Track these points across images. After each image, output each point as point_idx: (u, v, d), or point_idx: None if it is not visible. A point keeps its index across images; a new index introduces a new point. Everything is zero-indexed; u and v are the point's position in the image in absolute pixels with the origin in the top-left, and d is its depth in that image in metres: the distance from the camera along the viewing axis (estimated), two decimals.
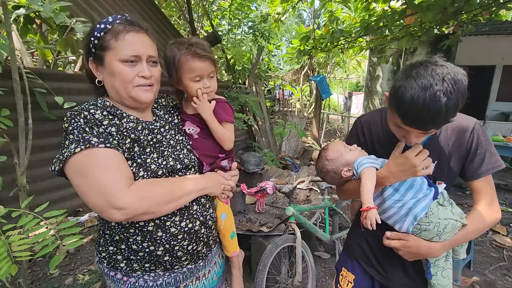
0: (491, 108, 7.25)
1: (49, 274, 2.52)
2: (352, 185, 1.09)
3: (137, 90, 0.87)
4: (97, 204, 0.76)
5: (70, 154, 0.76)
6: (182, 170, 0.97)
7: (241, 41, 7.33)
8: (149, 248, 0.88)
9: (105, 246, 0.93)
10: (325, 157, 1.10)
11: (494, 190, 1.03)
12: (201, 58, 1.00)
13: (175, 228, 0.90)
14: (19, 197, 1.57)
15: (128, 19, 0.88)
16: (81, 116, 0.81)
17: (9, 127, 1.48)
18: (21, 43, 2.58)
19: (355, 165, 1.03)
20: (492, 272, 2.70)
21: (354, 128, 1.17)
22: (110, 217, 0.78)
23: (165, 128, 1.00)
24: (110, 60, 0.85)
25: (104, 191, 0.75)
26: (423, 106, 0.75)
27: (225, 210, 1.11)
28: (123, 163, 0.82)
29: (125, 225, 0.87)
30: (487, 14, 4.03)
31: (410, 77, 0.78)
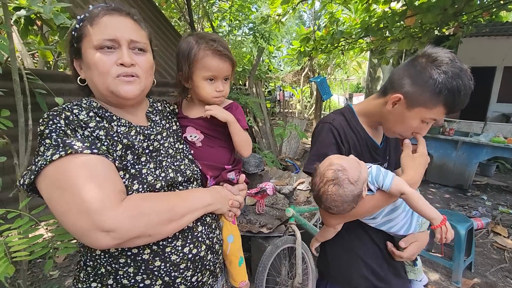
0: (492, 109, 7.24)
1: (49, 275, 2.51)
2: (370, 203, 0.89)
3: (117, 82, 0.71)
4: (78, 225, 0.59)
5: (45, 163, 0.60)
6: (183, 184, 0.82)
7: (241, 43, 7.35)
8: (143, 282, 0.70)
9: (86, 282, 0.73)
10: (348, 181, 0.81)
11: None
12: (222, 57, 0.88)
13: (176, 255, 0.73)
14: (19, 198, 1.57)
15: (110, 5, 0.74)
16: (62, 117, 0.66)
17: (9, 128, 1.48)
18: (22, 44, 2.59)
19: (375, 178, 0.87)
20: (493, 274, 2.69)
21: (328, 135, 0.97)
22: (95, 242, 0.60)
23: (162, 135, 0.84)
24: (85, 50, 0.71)
25: (88, 208, 0.59)
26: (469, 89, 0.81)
27: (232, 231, 0.95)
28: (113, 173, 0.66)
29: (114, 254, 0.70)
30: (488, 15, 4.03)
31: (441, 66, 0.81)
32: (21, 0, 1.77)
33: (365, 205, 0.89)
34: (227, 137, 0.97)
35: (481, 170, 5.52)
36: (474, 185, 4.99)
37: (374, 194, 0.88)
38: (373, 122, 1.02)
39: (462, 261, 2.48)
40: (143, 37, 0.77)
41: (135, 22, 0.76)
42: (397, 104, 0.89)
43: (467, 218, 2.69)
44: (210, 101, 0.94)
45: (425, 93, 0.82)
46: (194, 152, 0.93)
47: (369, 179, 0.87)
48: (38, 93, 1.85)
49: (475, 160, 4.61)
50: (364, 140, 1.01)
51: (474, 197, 4.52)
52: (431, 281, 2.57)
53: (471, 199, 4.43)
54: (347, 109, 1.05)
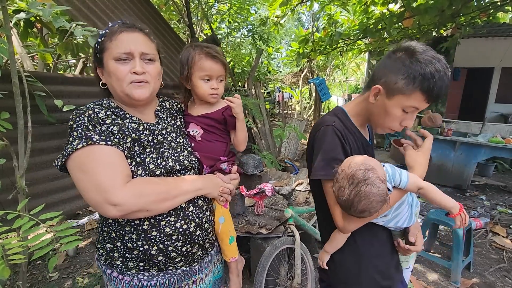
0: (490, 109, 7.27)
1: (48, 277, 2.51)
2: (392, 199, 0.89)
3: (131, 87, 0.88)
4: (94, 199, 0.78)
5: (72, 150, 0.79)
6: (181, 171, 0.98)
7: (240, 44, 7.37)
8: (143, 247, 0.88)
9: (103, 243, 0.94)
10: (379, 180, 0.80)
11: None
12: (213, 59, 1.05)
13: (169, 228, 0.90)
14: (18, 200, 1.58)
15: (125, 22, 0.91)
16: (86, 115, 0.84)
17: (8, 130, 1.49)
18: (22, 47, 2.60)
19: (392, 176, 0.87)
20: (492, 274, 2.70)
21: (334, 137, 0.95)
22: (105, 213, 0.79)
23: (167, 130, 1.01)
24: (107, 60, 0.88)
25: (102, 187, 0.77)
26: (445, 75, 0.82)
27: (223, 213, 1.09)
28: (122, 161, 0.84)
29: (121, 223, 0.89)
30: (485, 17, 4.06)
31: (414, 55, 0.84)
32: (20, 4, 1.78)
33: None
34: (223, 133, 1.14)
35: (479, 171, 5.53)
36: (472, 185, 5.00)
37: (392, 193, 0.87)
38: (363, 120, 1.04)
39: (460, 261, 2.49)
40: (152, 49, 0.93)
41: (145, 36, 0.92)
42: (378, 96, 0.93)
43: None
44: (207, 98, 1.09)
45: (400, 80, 0.86)
46: (194, 145, 1.09)
47: (387, 177, 0.86)
48: (37, 95, 1.86)
49: (474, 161, 4.63)
50: (360, 139, 1.03)
51: (472, 197, 4.53)
52: (430, 281, 2.57)
53: (469, 199, 4.44)
54: (339, 110, 1.05)
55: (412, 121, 0.92)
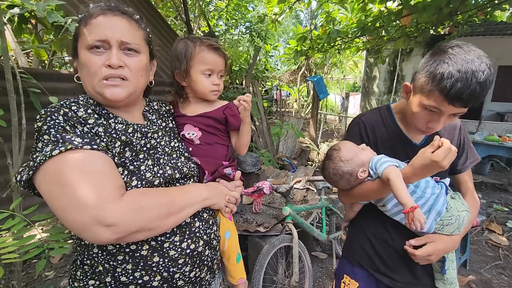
0: (487, 108, 7.31)
1: (44, 276, 2.49)
2: (368, 187, 0.99)
3: (102, 85, 0.71)
4: (79, 220, 0.59)
5: (44, 158, 0.60)
6: (180, 181, 0.83)
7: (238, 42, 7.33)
8: (142, 278, 0.70)
9: (83, 281, 0.73)
10: (339, 158, 0.99)
11: (473, 181, 1.13)
12: (217, 51, 0.95)
13: (175, 250, 0.74)
14: (12, 198, 1.56)
15: (108, 5, 0.74)
16: (60, 113, 0.66)
17: (2, 128, 1.46)
18: (16, 43, 2.56)
19: (373, 165, 0.96)
20: (488, 271, 2.72)
21: (355, 127, 1.09)
22: (95, 237, 0.60)
23: (158, 134, 0.86)
24: (80, 49, 0.71)
25: (88, 203, 0.59)
26: (473, 78, 0.76)
27: (229, 227, 0.96)
28: (112, 169, 0.67)
29: (112, 251, 0.69)
30: (482, 15, 4.05)
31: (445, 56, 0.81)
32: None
33: (364, 187, 1.00)
34: (224, 134, 1.02)
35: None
36: None
37: (374, 180, 0.97)
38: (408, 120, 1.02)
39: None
40: (136, 37, 0.75)
41: (131, 21, 0.75)
42: (408, 93, 0.94)
43: None
44: (207, 95, 0.99)
45: (422, 78, 0.86)
46: (192, 149, 0.95)
47: (370, 165, 0.97)
48: (32, 92, 1.83)
49: None
50: (397, 136, 1.04)
51: None
52: None
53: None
54: (385, 106, 1.11)
55: (438, 124, 0.87)
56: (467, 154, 1.09)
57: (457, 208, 0.97)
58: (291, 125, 5.27)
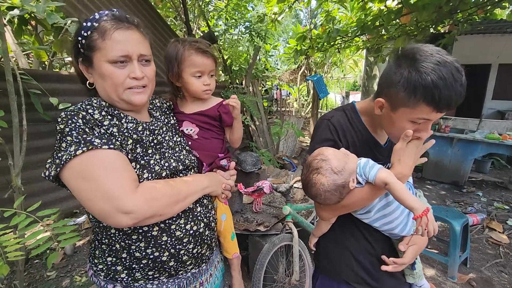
0: (487, 106, 7.30)
1: (46, 276, 2.50)
2: (357, 195, 0.89)
3: (129, 93, 0.82)
4: (103, 209, 0.71)
5: (70, 157, 0.70)
6: (183, 171, 0.95)
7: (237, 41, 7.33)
8: (153, 254, 0.83)
9: (102, 258, 0.86)
10: (331, 170, 0.84)
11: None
12: (204, 54, 1.01)
13: (180, 231, 0.87)
14: (14, 199, 1.56)
15: (116, 15, 0.80)
16: (79, 117, 0.76)
17: (3, 129, 1.48)
18: (16, 44, 2.57)
19: (361, 170, 0.87)
20: (488, 269, 2.72)
21: (326, 130, 0.99)
22: (117, 222, 0.73)
23: (163, 130, 0.96)
24: (99, 61, 0.79)
25: (111, 194, 0.71)
26: (453, 81, 0.73)
27: (225, 211, 1.10)
28: (127, 165, 0.78)
29: (127, 232, 0.82)
30: (482, 13, 4.05)
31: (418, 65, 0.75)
32: (14, 0, 1.76)
33: (354, 197, 0.89)
34: (219, 130, 1.13)
35: (476, 167, 5.57)
36: (469, 181, 5.03)
37: (363, 187, 0.88)
38: (373, 122, 1.00)
39: (457, 257, 2.51)
40: (148, 47, 0.86)
41: (139, 31, 0.83)
42: (383, 109, 0.88)
43: (462, 214, 2.72)
44: (200, 95, 1.07)
45: (400, 93, 0.79)
46: (191, 143, 1.06)
47: (357, 171, 0.87)
48: (32, 93, 1.84)
49: (471, 157, 4.65)
50: (365, 138, 0.99)
51: (469, 194, 4.55)
52: (427, 276, 2.59)
53: (466, 196, 4.47)
54: (350, 106, 1.05)
55: (427, 133, 0.84)
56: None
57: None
58: (291, 125, 5.27)
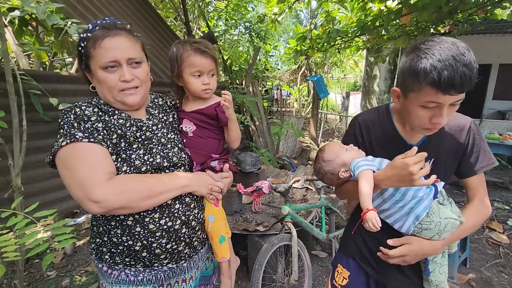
0: (488, 106, 7.29)
1: (46, 276, 2.51)
2: (350, 186, 1.07)
3: (122, 95, 0.89)
4: (77, 195, 0.80)
5: (58, 147, 0.81)
6: (169, 168, 0.97)
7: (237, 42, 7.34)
8: (127, 242, 0.89)
9: (94, 238, 0.96)
10: (322, 159, 1.09)
11: (485, 187, 1.07)
12: (203, 54, 1.04)
13: (153, 225, 0.90)
14: (14, 198, 1.57)
15: (105, 24, 0.87)
16: (72, 112, 0.85)
17: (3, 129, 1.48)
18: (17, 45, 2.58)
19: (352, 167, 1.01)
20: (488, 269, 2.72)
21: (351, 127, 1.13)
22: (88, 209, 0.80)
23: (157, 127, 1.00)
24: (94, 68, 0.87)
25: (83, 183, 0.78)
26: (454, 62, 0.76)
27: (213, 212, 1.07)
28: (105, 157, 0.84)
29: (107, 217, 0.90)
30: (483, 13, 4.04)
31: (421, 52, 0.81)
32: (14, 1, 1.77)
33: (347, 187, 1.10)
34: (217, 130, 1.14)
35: None
36: None
37: (355, 181, 1.01)
38: (404, 120, 1.01)
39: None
40: (138, 51, 0.91)
41: (130, 36, 0.89)
42: (399, 98, 0.94)
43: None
44: (200, 94, 1.09)
45: (407, 78, 0.86)
46: (186, 141, 1.08)
47: (350, 167, 1.03)
48: (33, 94, 1.85)
49: None
50: (392, 136, 1.03)
51: None
52: None
53: None
54: (384, 106, 1.12)
55: (442, 118, 0.85)
56: (478, 157, 1.01)
57: (441, 214, 0.95)
58: (291, 125, 5.27)
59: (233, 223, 2.32)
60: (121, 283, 0.93)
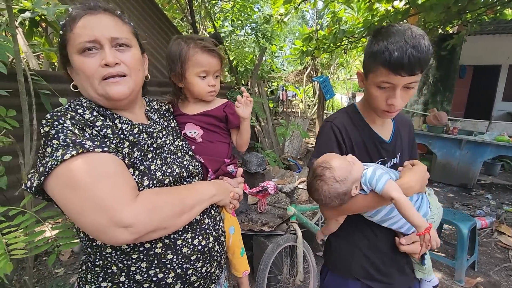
0: (497, 108, 7.18)
1: (54, 273, 2.55)
2: (361, 202, 0.93)
3: (104, 85, 0.70)
4: (96, 223, 0.60)
5: (56, 163, 0.59)
6: (187, 179, 0.85)
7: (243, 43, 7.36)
8: (157, 276, 0.71)
9: (95, 283, 0.72)
10: (334, 179, 0.88)
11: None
12: (211, 53, 0.94)
13: (187, 247, 0.75)
14: (24, 196, 1.60)
15: (86, 4, 0.71)
16: (67, 117, 0.66)
17: (14, 128, 1.51)
18: (27, 46, 2.63)
19: (367, 181, 0.89)
20: (496, 273, 2.67)
21: (329, 133, 1.02)
22: (114, 239, 0.61)
23: (163, 134, 0.86)
24: (71, 56, 0.70)
25: (105, 205, 0.60)
26: (406, 44, 0.81)
27: (233, 223, 0.99)
28: (124, 170, 0.67)
29: (126, 250, 0.70)
30: (492, 13, 3.99)
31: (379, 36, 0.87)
32: (25, 3, 1.80)
33: (357, 203, 0.93)
34: (225, 133, 1.05)
35: (485, 169, 5.47)
36: (478, 184, 4.95)
37: (367, 194, 0.91)
38: (374, 117, 1.04)
39: (465, 260, 2.47)
40: (125, 32, 0.74)
41: (115, 17, 0.73)
42: (363, 81, 0.99)
43: (469, 217, 2.68)
44: (205, 97, 1.00)
45: (366, 59, 0.93)
46: (195, 147, 0.96)
47: (363, 180, 0.90)
48: (42, 94, 1.88)
49: (480, 159, 4.58)
50: (368, 135, 1.03)
51: (478, 196, 4.48)
52: None
53: (475, 198, 4.40)
54: (351, 106, 1.10)
55: (396, 99, 0.89)
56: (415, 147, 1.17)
57: (436, 205, 1.00)
58: (296, 126, 5.27)
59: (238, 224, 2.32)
60: None
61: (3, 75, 1.41)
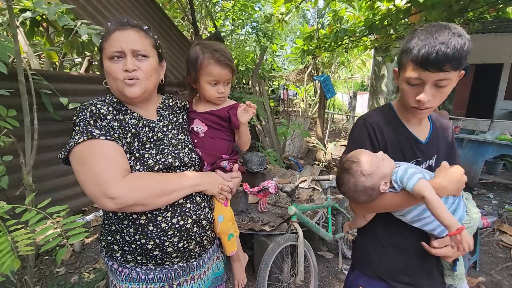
0: (499, 107, 7.15)
1: (55, 272, 2.56)
2: (390, 200, 0.93)
3: (123, 85, 0.90)
4: (92, 192, 0.82)
5: (74, 144, 0.82)
6: (180, 168, 0.99)
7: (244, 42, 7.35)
8: (140, 241, 0.91)
9: (105, 236, 0.98)
10: (360, 173, 0.90)
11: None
12: (222, 65, 1.05)
13: (166, 223, 0.92)
14: (25, 196, 1.60)
15: (120, 21, 0.92)
16: (88, 110, 0.88)
17: (15, 127, 1.51)
18: (28, 46, 2.63)
19: (397, 178, 0.89)
20: (498, 273, 2.67)
21: (362, 130, 1.03)
22: (102, 205, 0.82)
23: (168, 128, 1.02)
24: (104, 60, 0.91)
25: (99, 180, 0.80)
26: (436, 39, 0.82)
27: (222, 212, 1.07)
28: (121, 155, 0.86)
29: (120, 217, 0.91)
30: (494, 12, 3.97)
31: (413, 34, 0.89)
32: (26, 3, 1.80)
33: (387, 201, 0.94)
34: (228, 131, 1.15)
35: (487, 168, 5.45)
36: (480, 183, 4.93)
37: (398, 193, 0.92)
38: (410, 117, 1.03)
39: (466, 260, 2.47)
40: (145, 45, 0.93)
41: (139, 32, 0.93)
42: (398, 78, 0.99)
43: None
44: (214, 101, 1.12)
45: (400, 56, 0.95)
46: (197, 141, 1.09)
47: (393, 177, 0.91)
48: (43, 93, 1.88)
49: (481, 158, 4.56)
50: (403, 134, 1.02)
51: (480, 196, 4.47)
52: None
53: (477, 198, 4.38)
54: (387, 105, 1.11)
55: (425, 95, 0.88)
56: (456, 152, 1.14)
57: (473, 210, 0.97)
58: (297, 125, 5.26)
59: (239, 223, 2.32)
60: (132, 281, 0.94)
61: (4, 75, 1.41)
